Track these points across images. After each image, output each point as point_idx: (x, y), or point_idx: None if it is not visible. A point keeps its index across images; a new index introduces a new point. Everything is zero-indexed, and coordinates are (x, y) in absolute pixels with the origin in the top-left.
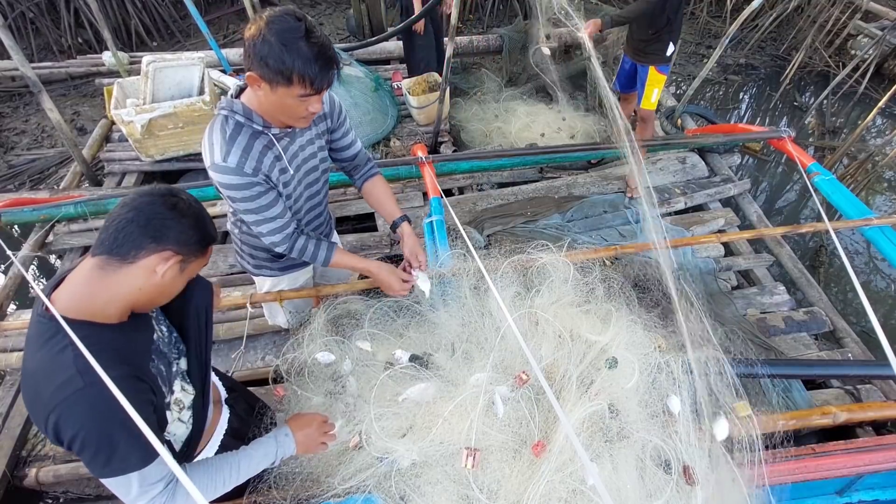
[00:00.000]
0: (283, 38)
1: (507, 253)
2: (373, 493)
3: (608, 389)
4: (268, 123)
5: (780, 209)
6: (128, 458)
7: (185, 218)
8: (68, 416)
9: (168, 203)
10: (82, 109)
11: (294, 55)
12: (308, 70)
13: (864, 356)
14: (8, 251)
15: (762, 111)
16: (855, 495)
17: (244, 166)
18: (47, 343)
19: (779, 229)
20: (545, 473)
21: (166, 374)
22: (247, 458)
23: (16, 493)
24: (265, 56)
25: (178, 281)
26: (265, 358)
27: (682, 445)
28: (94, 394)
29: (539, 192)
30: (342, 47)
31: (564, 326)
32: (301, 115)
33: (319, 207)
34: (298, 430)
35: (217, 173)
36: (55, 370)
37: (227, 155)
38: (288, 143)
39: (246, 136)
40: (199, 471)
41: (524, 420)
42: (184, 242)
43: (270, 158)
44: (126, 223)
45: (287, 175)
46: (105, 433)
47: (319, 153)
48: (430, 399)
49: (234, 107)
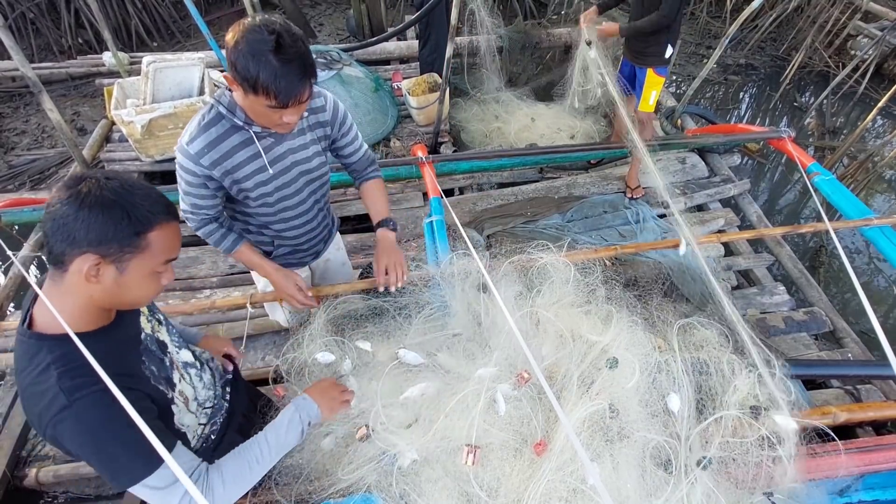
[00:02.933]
0: (252, 49)
1: (508, 253)
2: (372, 491)
3: (609, 389)
4: (250, 120)
5: (780, 209)
6: (132, 469)
7: (93, 211)
8: (62, 435)
9: (72, 196)
10: (82, 110)
11: (260, 67)
12: (273, 84)
13: (864, 356)
14: (8, 251)
15: (762, 111)
16: (855, 495)
17: (203, 157)
18: (31, 362)
19: (779, 229)
20: (546, 472)
21: (159, 373)
22: (273, 429)
23: (16, 493)
24: (234, 62)
25: (135, 280)
26: (265, 358)
27: (683, 443)
28: (80, 411)
29: (539, 193)
30: (342, 47)
31: (565, 326)
32: (276, 123)
33: (314, 210)
34: (316, 394)
35: (178, 153)
36: (41, 390)
37: (192, 141)
38: (272, 144)
39: (222, 128)
40: (229, 458)
41: (526, 419)
42: (97, 241)
43: (245, 155)
44: (46, 229)
45: (265, 174)
46: (101, 448)
47: (315, 158)
48: (432, 395)
49: (222, 98)
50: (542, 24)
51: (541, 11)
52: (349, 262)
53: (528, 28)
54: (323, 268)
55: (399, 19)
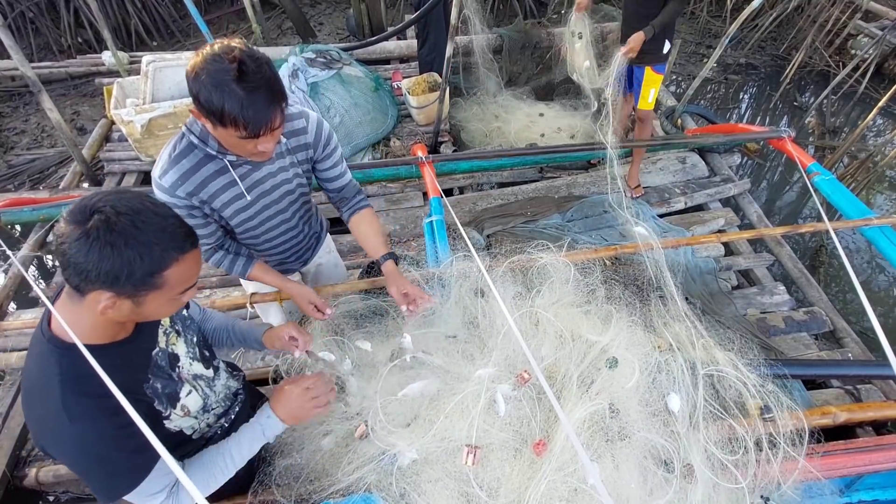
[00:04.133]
0: (214, 80)
1: (508, 253)
2: (372, 491)
3: (608, 389)
4: (223, 149)
5: (780, 209)
6: (117, 486)
7: (104, 252)
8: (56, 450)
9: (81, 234)
10: (82, 109)
11: (224, 97)
12: (241, 114)
13: (864, 356)
14: (8, 251)
15: (762, 111)
16: (855, 495)
17: (178, 189)
18: (40, 364)
19: (779, 229)
20: (546, 472)
21: (163, 390)
22: (237, 446)
23: (16, 493)
24: (196, 95)
25: (153, 308)
26: (265, 358)
27: (683, 442)
28: (78, 435)
29: (539, 192)
30: (342, 46)
31: (565, 326)
32: (251, 153)
33: (299, 227)
34: (280, 409)
35: (155, 188)
36: (44, 397)
37: (164, 174)
38: (249, 171)
39: (195, 159)
40: (195, 467)
41: (526, 419)
42: (110, 281)
43: (220, 184)
44: (59, 260)
45: (243, 201)
46: (91, 469)
47: (296, 179)
48: (431, 394)
49: (193, 126)
50: (542, 23)
51: (541, 11)
52: (342, 264)
53: (528, 28)
54: (315, 272)
55: (399, 19)
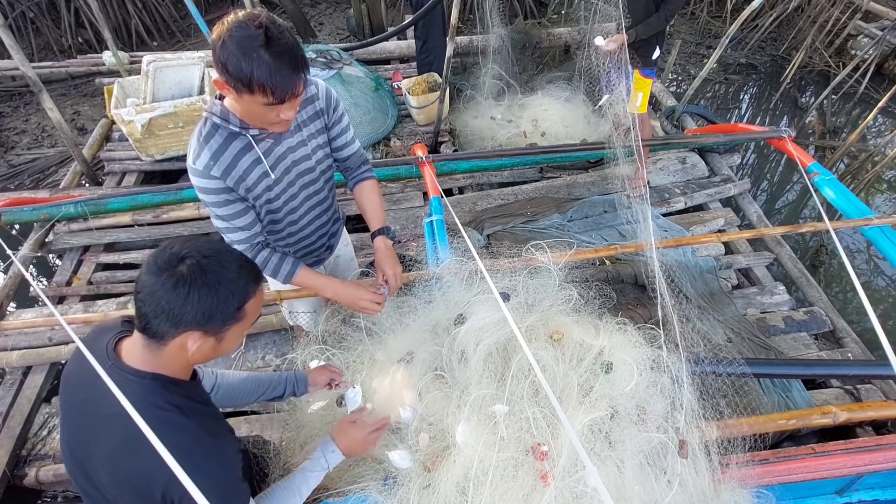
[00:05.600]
0: (241, 47)
1: (508, 252)
2: (372, 492)
3: (608, 394)
4: (245, 125)
5: (780, 209)
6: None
7: (202, 293)
8: (194, 473)
9: (177, 280)
10: (82, 109)
11: (253, 64)
12: (269, 80)
13: (864, 356)
14: (8, 251)
15: (762, 111)
16: (855, 495)
17: (212, 169)
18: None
19: (779, 229)
20: (553, 484)
21: None
22: (305, 481)
23: (16, 493)
24: (225, 62)
25: (229, 343)
26: (265, 357)
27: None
28: (223, 458)
29: (539, 192)
30: (342, 46)
31: (562, 332)
32: (273, 122)
33: (321, 206)
34: (344, 443)
35: (192, 175)
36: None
37: (198, 157)
38: (272, 146)
39: (221, 138)
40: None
41: (526, 424)
42: (202, 321)
43: (248, 161)
44: (142, 306)
45: (269, 179)
46: (229, 493)
47: (315, 154)
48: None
49: (213, 108)
50: (542, 23)
51: (541, 11)
52: (356, 259)
53: (529, 28)
54: (333, 264)
55: (399, 19)
